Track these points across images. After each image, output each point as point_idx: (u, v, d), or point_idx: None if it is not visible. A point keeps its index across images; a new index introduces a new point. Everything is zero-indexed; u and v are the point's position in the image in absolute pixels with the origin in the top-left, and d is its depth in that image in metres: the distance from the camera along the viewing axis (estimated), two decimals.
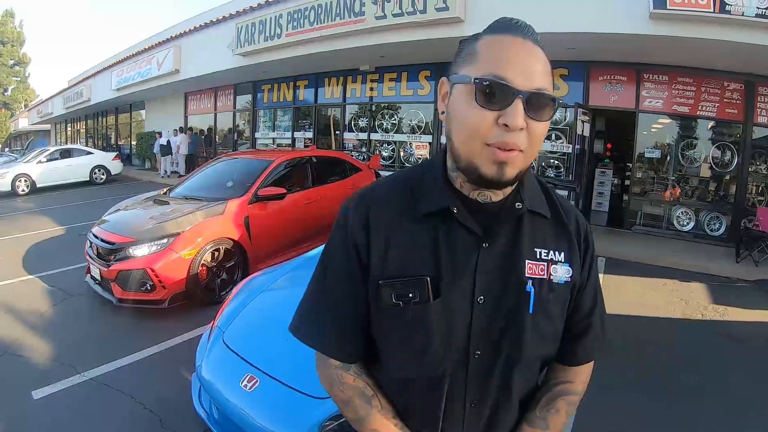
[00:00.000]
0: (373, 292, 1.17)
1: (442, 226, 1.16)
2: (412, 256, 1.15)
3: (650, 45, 8.80)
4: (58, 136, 43.26)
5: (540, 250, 1.21)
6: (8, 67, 57.12)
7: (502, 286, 1.16)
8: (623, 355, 4.98)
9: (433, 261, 1.14)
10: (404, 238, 1.16)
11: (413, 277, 1.13)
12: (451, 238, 1.15)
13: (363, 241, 1.18)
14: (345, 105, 15.77)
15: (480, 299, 1.14)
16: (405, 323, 1.15)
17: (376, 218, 1.18)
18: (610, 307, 4.71)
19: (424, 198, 1.18)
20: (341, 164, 9.12)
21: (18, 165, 18.91)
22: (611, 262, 8.65)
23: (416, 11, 9.97)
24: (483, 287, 1.14)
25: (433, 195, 1.18)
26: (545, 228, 1.25)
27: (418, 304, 1.13)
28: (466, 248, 1.15)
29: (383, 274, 1.15)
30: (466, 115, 1.05)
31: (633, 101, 10.86)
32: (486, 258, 1.15)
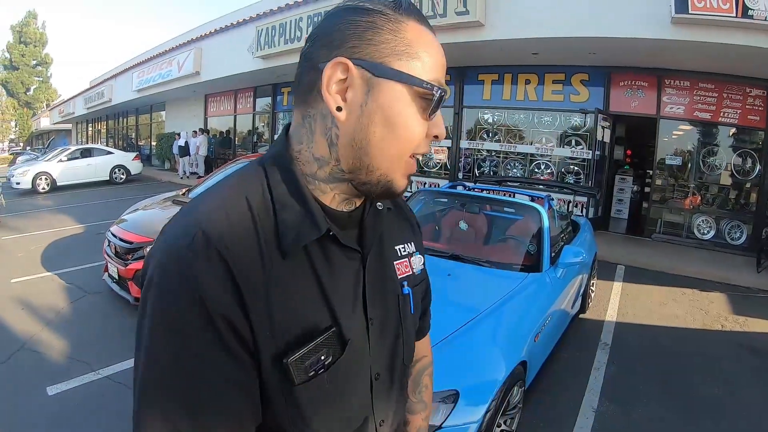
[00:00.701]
0: (273, 376, 0.85)
1: (317, 253, 0.90)
2: (303, 307, 0.88)
3: (672, 50, 8.68)
4: (79, 135, 43.66)
5: (399, 247, 1.14)
6: (31, 67, 58.12)
7: (384, 297, 1.04)
8: (643, 366, 4.94)
9: (323, 302, 0.90)
10: (283, 285, 0.85)
11: (323, 335, 0.88)
12: (332, 265, 0.92)
13: (236, 310, 0.79)
14: None
15: (371, 321, 1.00)
16: (323, 392, 0.91)
17: (238, 268, 0.79)
18: (630, 317, 4.69)
19: (289, 224, 0.87)
20: None
21: (39, 163, 19.12)
22: (631, 271, 8.56)
23: (436, 15, 9.91)
24: (372, 307, 1.00)
25: (303, 217, 0.88)
26: (394, 221, 1.15)
27: (333, 363, 0.90)
28: (350, 271, 0.96)
29: (282, 345, 0.84)
30: (410, 126, 0.87)
31: (654, 107, 10.72)
32: (369, 275, 0.99)
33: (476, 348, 3.15)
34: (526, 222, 5.02)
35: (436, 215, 5.59)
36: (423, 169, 14.15)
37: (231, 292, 0.78)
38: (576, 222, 6.54)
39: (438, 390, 2.69)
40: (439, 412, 2.64)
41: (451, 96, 13.11)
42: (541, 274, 4.30)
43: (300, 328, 0.86)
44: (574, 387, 4.44)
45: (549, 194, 5.70)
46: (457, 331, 3.21)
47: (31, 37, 56.64)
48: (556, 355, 4.82)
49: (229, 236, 0.80)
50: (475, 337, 3.22)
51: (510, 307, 3.66)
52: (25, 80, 58.40)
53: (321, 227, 0.87)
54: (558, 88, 11.59)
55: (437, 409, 2.64)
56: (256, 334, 0.81)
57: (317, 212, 0.88)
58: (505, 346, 3.25)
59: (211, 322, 0.77)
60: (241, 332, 0.79)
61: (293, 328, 0.85)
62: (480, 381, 2.90)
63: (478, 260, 4.50)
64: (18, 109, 60.35)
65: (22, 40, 56.64)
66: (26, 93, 59.60)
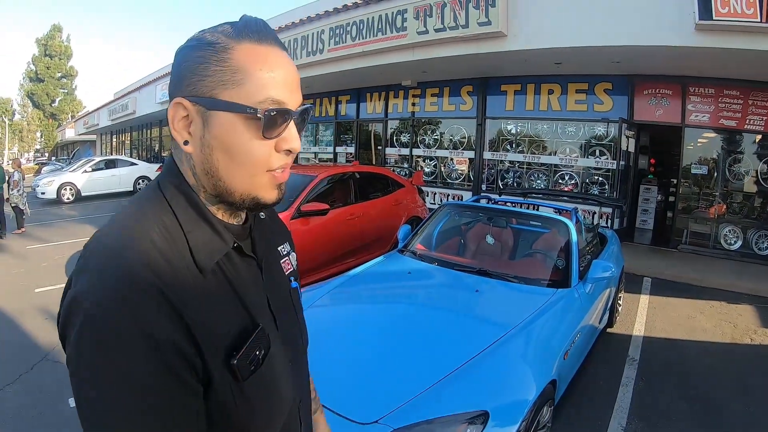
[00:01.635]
0: (224, 380, 0.89)
1: (227, 266, 0.98)
2: (229, 313, 0.95)
3: (696, 57, 8.60)
4: (104, 146, 44.21)
5: (280, 248, 1.24)
6: (56, 80, 59.18)
7: (280, 293, 1.15)
8: (672, 382, 4.87)
9: (242, 306, 0.98)
10: (208, 298, 0.91)
11: (253, 333, 0.96)
12: (238, 272, 1.00)
13: (179, 334, 0.82)
14: (387, 120, 15.78)
15: (277, 314, 1.09)
16: (266, 382, 0.99)
17: (174, 293, 0.84)
18: (658, 331, 4.63)
19: (200, 242, 0.93)
20: (384, 180, 9.09)
21: (64, 174, 19.42)
22: (658, 283, 8.46)
23: (458, 26, 9.93)
24: (274, 303, 1.09)
25: (211, 234, 0.96)
26: (271, 225, 1.24)
27: (266, 356, 0.99)
28: (251, 275, 1.05)
29: (224, 350, 0.90)
30: (248, 149, 0.92)
31: (679, 115, 10.58)
32: (266, 277, 1.10)
33: (506, 367, 3.12)
34: (553, 236, 4.99)
35: (461, 229, 5.58)
36: (446, 180, 14.14)
37: (174, 319, 0.82)
38: (603, 234, 6.47)
39: (467, 410, 2.68)
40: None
41: (474, 107, 13.13)
42: (570, 290, 4.25)
43: (234, 332, 0.93)
44: (602, 404, 4.38)
45: (575, 206, 5.64)
46: (486, 349, 3.18)
47: (56, 50, 57.68)
48: (584, 371, 4.76)
49: (160, 266, 0.84)
50: (505, 356, 3.19)
51: (539, 324, 3.62)
52: (50, 92, 59.45)
53: (228, 242, 0.98)
54: (581, 97, 11.54)
55: (465, 431, 2.61)
56: (203, 349, 0.85)
57: (222, 229, 0.98)
58: (535, 365, 3.21)
59: (162, 355, 0.79)
60: (190, 357, 0.83)
61: (229, 334, 0.92)
62: (510, 401, 2.86)
63: (505, 276, 4.46)
64: (43, 120, 61.55)
65: (47, 53, 57.70)
66: (51, 104, 60.69)
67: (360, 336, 3.54)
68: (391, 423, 2.60)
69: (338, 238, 7.27)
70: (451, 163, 14.18)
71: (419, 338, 3.47)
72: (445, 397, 2.77)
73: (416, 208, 9.44)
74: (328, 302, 4.07)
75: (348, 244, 7.41)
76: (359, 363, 3.19)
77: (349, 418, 2.67)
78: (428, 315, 4.01)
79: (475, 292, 4.19)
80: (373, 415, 2.67)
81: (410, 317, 3.91)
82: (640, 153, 12.26)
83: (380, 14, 11.34)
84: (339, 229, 7.30)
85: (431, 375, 2.94)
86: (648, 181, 12.90)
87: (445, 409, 2.68)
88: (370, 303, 4.34)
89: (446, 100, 13.99)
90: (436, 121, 14.58)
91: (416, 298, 4.45)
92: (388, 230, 8.30)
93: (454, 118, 13.95)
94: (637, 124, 11.25)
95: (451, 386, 2.86)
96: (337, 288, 4.30)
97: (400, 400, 2.75)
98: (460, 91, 13.57)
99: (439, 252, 5.25)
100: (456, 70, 12.32)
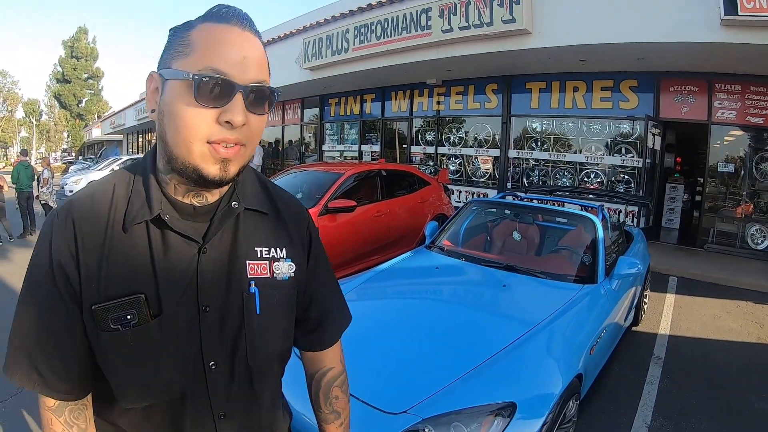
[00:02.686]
0: (88, 319, 1.03)
1: (156, 236, 1.07)
2: (128, 274, 1.04)
3: (722, 53, 8.52)
4: (130, 146, 44.71)
5: (261, 249, 1.19)
6: (82, 81, 60.09)
7: (227, 291, 1.13)
8: (697, 381, 4.84)
9: (150, 276, 1.05)
10: (116, 253, 1.04)
11: (128, 297, 1.03)
12: (168, 248, 1.07)
13: (70, 261, 1.03)
14: (412, 118, 15.80)
15: (206, 308, 1.10)
16: (129, 348, 1.04)
17: (83, 233, 1.04)
18: (684, 330, 4.61)
19: (134, 206, 1.07)
20: (410, 178, 9.10)
21: (92, 172, 19.72)
22: (684, 282, 8.39)
23: (483, 24, 9.93)
24: (207, 296, 1.10)
25: (142, 201, 1.08)
26: (265, 225, 1.22)
27: (138, 325, 1.03)
28: (185, 257, 1.08)
29: (98, 296, 1.03)
30: (184, 115, 0.97)
31: (705, 113, 10.47)
32: (207, 264, 1.10)
33: (534, 360, 3.15)
34: (579, 232, 4.99)
35: (488, 225, 5.60)
36: (471, 179, 14.14)
37: (71, 249, 1.03)
38: (629, 232, 6.45)
39: (495, 402, 2.71)
40: (494, 424, 2.62)
41: (499, 105, 13.11)
42: (596, 286, 4.25)
43: (120, 288, 1.03)
44: (627, 401, 4.38)
45: (602, 204, 5.64)
46: (513, 342, 3.21)
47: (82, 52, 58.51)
48: (609, 369, 4.76)
49: (85, 210, 1.06)
50: (533, 349, 3.22)
51: (566, 319, 3.63)
52: (77, 93, 60.35)
53: (153, 212, 1.06)
54: (607, 95, 11.47)
55: (493, 422, 2.62)
56: (83, 284, 1.03)
57: (155, 200, 1.07)
58: (562, 359, 3.24)
59: (50, 261, 1.03)
60: (69, 277, 1.03)
61: (113, 288, 1.03)
62: (537, 393, 2.88)
63: (532, 271, 4.48)
64: (70, 121, 62.50)
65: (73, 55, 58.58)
66: (78, 105, 61.61)
67: (388, 330, 3.58)
68: (420, 413, 2.63)
69: (365, 235, 7.30)
70: (476, 162, 14.16)
71: (448, 331, 3.50)
72: (472, 389, 2.80)
73: (442, 205, 9.44)
74: (356, 297, 4.11)
75: (374, 241, 7.44)
76: (388, 356, 3.23)
77: (379, 408, 2.72)
78: (456, 309, 4.04)
79: (503, 287, 4.22)
80: (402, 405, 2.70)
81: (438, 311, 3.96)
82: (666, 151, 12.12)
83: (404, 13, 11.37)
84: (366, 226, 7.34)
85: (459, 367, 2.97)
86: (674, 179, 12.77)
87: (472, 400, 2.70)
88: (398, 298, 4.38)
89: (471, 98, 13.97)
90: (461, 119, 14.55)
91: (444, 293, 4.48)
92: (414, 227, 8.32)
93: (479, 116, 13.92)
94: (663, 121, 11.15)
95: (478, 378, 2.89)
96: (365, 283, 4.35)
97: (428, 391, 2.78)
98: (485, 89, 13.53)
99: (466, 248, 5.27)
100: (481, 68, 12.30)
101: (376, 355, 3.23)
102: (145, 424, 1.13)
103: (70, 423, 1.09)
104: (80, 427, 1.10)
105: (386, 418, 2.66)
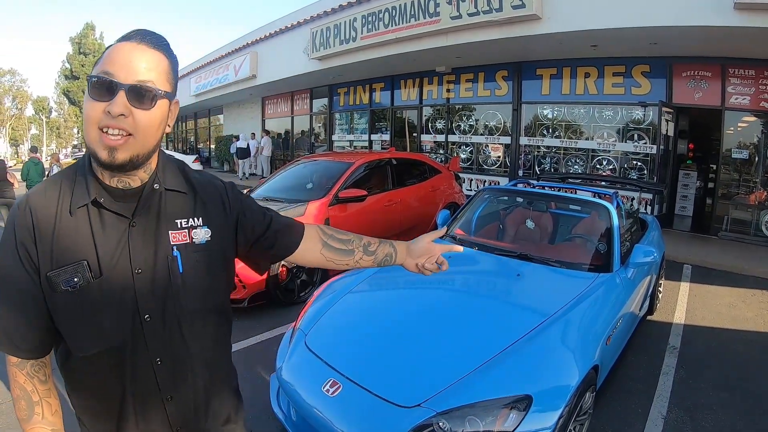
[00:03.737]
0: (45, 284, 1.29)
1: (95, 215, 1.32)
2: (74, 246, 1.30)
3: (735, 37, 8.40)
4: None
5: (180, 221, 1.43)
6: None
7: (155, 256, 1.36)
8: (713, 371, 4.76)
9: (91, 246, 1.30)
10: (64, 231, 1.30)
11: (73, 264, 1.28)
12: (104, 224, 1.33)
13: (30, 241, 1.29)
14: (421, 107, 15.75)
15: (138, 271, 1.33)
16: (77, 305, 1.29)
17: (38, 218, 1.30)
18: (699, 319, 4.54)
19: (76, 194, 1.33)
20: (421, 166, 9.04)
21: None
22: (698, 271, 8.30)
23: (492, 10, 9.84)
24: (138, 260, 1.34)
25: (83, 189, 1.33)
26: (183, 201, 1.46)
27: (84, 285, 1.28)
28: (118, 230, 1.34)
29: (51, 265, 1.28)
30: (86, 106, 1.25)
31: (718, 98, 10.32)
32: (136, 235, 1.35)
33: (549, 352, 3.08)
34: (594, 220, 4.91)
35: (500, 214, 5.53)
36: (482, 167, 14.06)
37: (30, 231, 1.29)
38: (643, 220, 6.36)
39: (510, 395, 2.65)
40: (510, 417, 2.57)
41: (509, 92, 13.06)
42: (612, 275, 4.17)
43: (67, 257, 1.29)
44: (642, 392, 4.31)
45: (616, 191, 5.55)
46: (528, 333, 3.15)
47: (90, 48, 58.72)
48: (624, 359, 4.69)
49: (39, 201, 1.31)
50: (548, 341, 3.15)
51: (581, 308, 3.56)
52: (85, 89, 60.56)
53: (90, 196, 1.31)
54: (618, 80, 11.37)
55: (508, 415, 2.57)
56: (40, 258, 1.29)
57: (92, 188, 1.32)
58: (578, 350, 3.16)
59: (14, 243, 1.29)
60: (31, 256, 1.29)
61: (63, 258, 1.28)
62: (553, 386, 2.82)
63: (547, 260, 4.41)
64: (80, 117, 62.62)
65: (81, 51, 58.79)
66: None
67: (400, 321, 3.53)
68: (434, 406, 2.58)
69: (376, 225, 7.26)
70: (486, 149, 14.08)
71: (461, 324, 3.43)
72: (487, 381, 2.75)
73: (453, 194, 9.40)
74: (367, 288, 4.07)
75: (386, 231, 7.39)
76: (400, 348, 3.18)
77: (392, 401, 2.68)
78: (469, 300, 3.97)
79: (517, 276, 4.15)
80: (415, 398, 2.66)
81: (451, 303, 3.89)
82: (679, 138, 11.99)
83: (413, 0, 11.28)
84: (377, 215, 7.32)
85: (473, 359, 2.92)
86: (687, 166, 12.64)
87: (487, 393, 2.65)
88: (409, 288, 4.30)
89: (481, 85, 13.89)
90: (471, 107, 14.46)
91: (457, 283, 4.37)
92: (425, 216, 8.29)
93: (489, 103, 13.85)
94: (676, 107, 11.01)
95: (493, 370, 2.83)
96: (375, 274, 4.29)
97: (442, 384, 2.73)
98: (495, 76, 13.45)
99: (478, 236, 5.21)
100: (490, 55, 12.23)
101: (389, 348, 3.19)
102: (96, 370, 1.36)
103: (31, 375, 1.36)
104: (40, 379, 1.38)
105: (399, 412, 2.62)
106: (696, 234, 11.11)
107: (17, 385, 1.36)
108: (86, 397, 1.43)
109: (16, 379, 1.36)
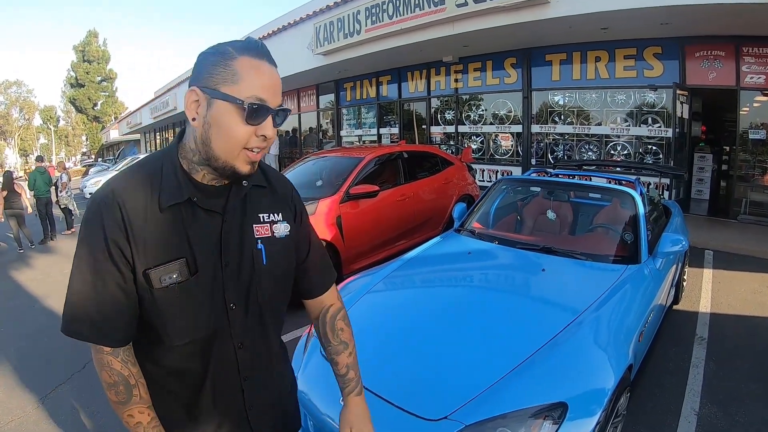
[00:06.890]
0: (141, 280, 1.32)
1: (187, 212, 1.37)
2: (169, 244, 1.34)
3: (749, 14, 8.14)
4: (148, 144, 45.08)
5: (263, 215, 1.52)
6: (96, 83, 61.37)
7: (241, 249, 1.45)
8: (743, 362, 4.61)
9: (186, 243, 1.36)
10: (157, 227, 1.33)
11: (173, 261, 1.33)
12: (197, 221, 1.38)
13: (122, 238, 1.29)
14: (430, 98, 15.59)
15: (226, 264, 1.41)
16: (175, 300, 1.35)
17: (128, 215, 1.30)
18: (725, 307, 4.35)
19: (166, 191, 1.35)
20: (433, 158, 8.89)
21: (110, 173, 19.75)
22: (720, 256, 8.11)
23: None
24: (227, 254, 1.41)
25: (175, 188, 1.36)
26: (264, 197, 1.55)
27: (183, 282, 1.34)
28: (210, 226, 1.40)
29: (148, 262, 1.31)
30: (234, 130, 1.28)
31: (733, 78, 10.05)
32: (227, 231, 1.42)
33: (582, 353, 2.90)
34: (617, 208, 4.73)
35: (518, 205, 5.36)
36: (494, 156, 13.88)
37: (121, 227, 1.29)
38: (666, 206, 6.15)
39: (544, 402, 2.47)
40: (544, 427, 2.39)
41: (519, 79, 12.90)
42: (640, 266, 3.98)
43: (163, 256, 1.32)
44: (672, 387, 4.15)
45: (638, 177, 5.35)
46: (558, 334, 2.98)
47: (93, 55, 59.41)
48: (652, 351, 4.54)
49: (127, 195, 1.31)
50: (579, 341, 2.97)
51: (612, 304, 3.37)
52: (91, 96, 61.40)
53: (184, 195, 1.35)
54: (630, 63, 11.16)
55: (542, 425, 2.40)
56: (134, 255, 1.30)
57: (184, 185, 1.36)
58: (611, 349, 2.97)
59: (107, 243, 1.28)
60: (124, 252, 1.29)
61: (159, 255, 1.32)
62: (589, 390, 2.63)
63: (571, 252, 4.23)
64: (87, 124, 63.77)
65: (85, 59, 59.56)
66: (94, 108, 62.81)
67: (421, 325, 3.35)
68: (463, 419, 2.42)
69: (389, 220, 7.14)
70: (497, 139, 13.91)
71: (486, 325, 3.25)
72: (518, 389, 2.57)
73: (467, 185, 9.25)
74: (384, 288, 3.92)
75: (400, 226, 7.29)
76: (422, 355, 3.01)
77: (416, 414, 2.51)
78: (494, 298, 3.77)
79: (542, 271, 3.98)
80: (441, 410, 2.49)
81: (474, 302, 3.70)
82: (693, 120, 11.76)
83: None
84: (390, 210, 7.17)
85: (502, 364, 2.75)
86: (701, 149, 12.39)
87: (519, 401, 2.48)
88: (429, 288, 4.16)
89: (489, 74, 13.70)
90: (480, 96, 14.28)
91: (479, 281, 4.21)
92: (439, 210, 8.18)
93: (498, 92, 13.66)
94: (690, 88, 10.77)
95: (523, 377, 2.65)
96: (394, 273, 4.14)
97: (469, 393, 2.56)
98: (504, 64, 13.26)
99: (497, 230, 5.06)
100: (498, 43, 12.06)
101: (411, 354, 3.03)
102: (181, 356, 1.43)
103: (125, 360, 1.38)
104: (132, 363, 1.39)
105: (424, 426, 2.46)
106: (714, 218, 10.88)
107: (113, 372, 1.37)
108: (166, 380, 1.48)
109: (112, 366, 1.37)
